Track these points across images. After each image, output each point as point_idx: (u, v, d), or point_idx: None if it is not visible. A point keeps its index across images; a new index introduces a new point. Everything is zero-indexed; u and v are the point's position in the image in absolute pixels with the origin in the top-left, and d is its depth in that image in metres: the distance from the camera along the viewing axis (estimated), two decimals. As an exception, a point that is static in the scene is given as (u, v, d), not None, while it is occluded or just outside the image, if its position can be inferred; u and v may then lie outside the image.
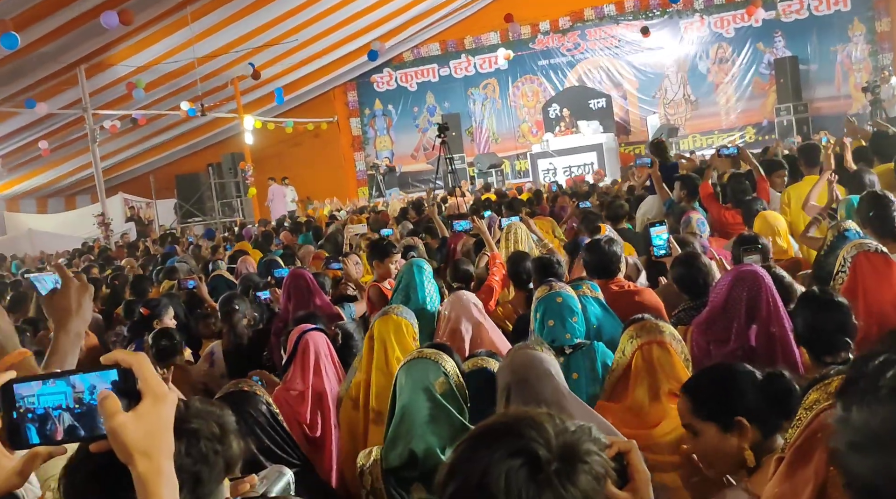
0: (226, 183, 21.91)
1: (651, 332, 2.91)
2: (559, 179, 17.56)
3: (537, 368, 2.52)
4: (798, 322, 2.98)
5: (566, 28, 22.44)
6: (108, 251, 14.04)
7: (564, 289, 3.57)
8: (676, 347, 2.90)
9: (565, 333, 3.39)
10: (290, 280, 5.38)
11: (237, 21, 16.29)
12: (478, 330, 3.90)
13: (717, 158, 8.00)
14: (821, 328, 2.88)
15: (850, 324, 2.88)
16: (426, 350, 2.98)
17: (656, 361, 2.85)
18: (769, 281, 3.25)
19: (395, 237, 8.68)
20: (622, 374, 2.95)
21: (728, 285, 3.29)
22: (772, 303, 3.18)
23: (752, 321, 3.17)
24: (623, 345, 2.98)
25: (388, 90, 24.46)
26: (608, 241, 4.60)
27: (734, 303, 3.22)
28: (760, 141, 19.67)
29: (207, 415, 1.54)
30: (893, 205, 4.33)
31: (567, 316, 3.42)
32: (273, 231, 12.85)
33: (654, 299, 4.27)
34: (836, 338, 2.85)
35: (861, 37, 20.07)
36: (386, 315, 3.65)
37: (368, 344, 3.58)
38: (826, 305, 2.92)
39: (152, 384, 1.25)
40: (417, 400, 2.80)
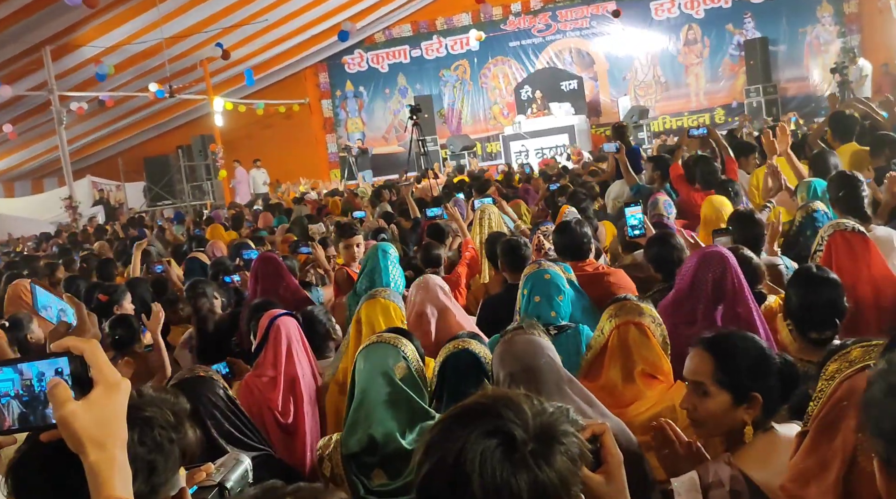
0: (196, 166, 21.70)
1: (630, 312, 2.90)
2: (531, 161, 17.57)
3: (540, 355, 2.50)
4: (790, 297, 3.00)
5: (537, 9, 22.39)
6: (77, 235, 13.86)
7: (553, 267, 3.57)
8: (655, 329, 2.89)
9: (551, 311, 3.39)
10: (258, 264, 5.32)
11: (206, 1, 16.09)
12: (444, 314, 3.86)
13: (687, 139, 8.04)
14: (813, 305, 2.89)
15: (841, 303, 2.91)
16: (385, 335, 2.97)
17: (632, 342, 2.85)
18: (734, 262, 3.26)
19: (368, 219, 8.67)
20: (598, 353, 2.94)
21: (694, 267, 3.30)
22: (737, 283, 3.19)
23: (719, 302, 3.18)
24: (602, 324, 2.97)
25: (360, 72, 24.30)
26: (578, 222, 4.60)
27: (700, 284, 3.23)
28: (730, 122, 19.79)
29: (162, 402, 1.51)
30: (862, 185, 4.39)
31: (554, 294, 3.42)
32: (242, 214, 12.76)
33: (626, 281, 4.28)
34: (826, 315, 2.87)
35: (829, 18, 20.21)
36: (373, 298, 3.61)
37: (356, 328, 3.53)
38: (820, 281, 2.94)
39: (105, 372, 1.22)
40: (376, 385, 2.78)
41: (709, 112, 21.18)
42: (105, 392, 1.21)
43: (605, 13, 21.50)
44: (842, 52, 19.31)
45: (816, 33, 20.37)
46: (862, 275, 3.33)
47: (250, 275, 5.38)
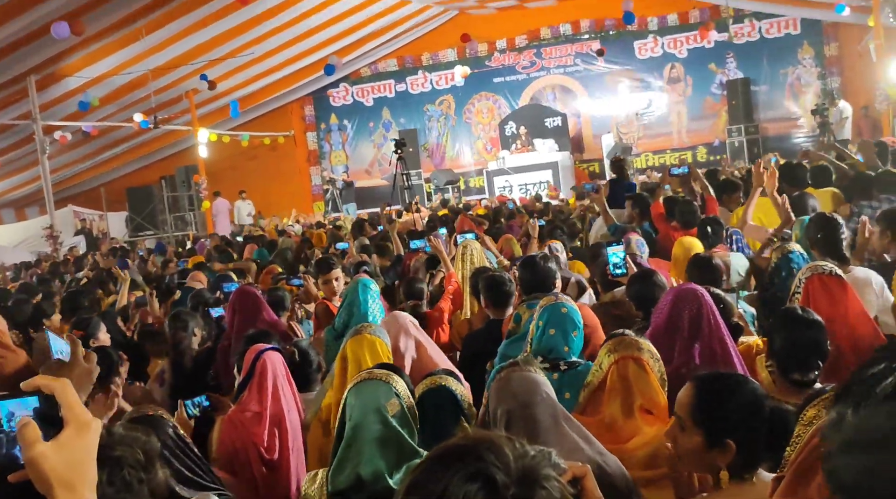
0: (179, 196, 21.64)
1: (629, 347, 2.89)
2: (515, 197, 17.65)
3: (536, 392, 2.48)
4: (774, 338, 3.00)
5: (522, 47, 22.65)
6: (59, 265, 13.76)
7: (569, 301, 3.54)
8: (654, 365, 2.89)
9: (564, 345, 3.35)
10: (236, 297, 5.30)
11: (191, 34, 16.17)
12: (417, 349, 3.82)
13: (668, 177, 8.11)
14: (797, 346, 2.90)
15: (824, 345, 2.91)
16: (376, 371, 2.93)
17: (631, 377, 2.83)
18: (709, 299, 3.27)
19: (351, 252, 8.65)
20: (597, 388, 2.94)
21: (669, 304, 3.31)
22: (713, 321, 3.20)
23: (696, 339, 3.18)
24: (600, 359, 2.95)
25: (345, 105, 24.43)
26: (543, 257, 4.61)
27: (676, 322, 3.24)
28: (712, 160, 19.99)
29: (132, 441, 1.48)
30: (841, 227, 4.42)
31: (569, 328, 3.38)
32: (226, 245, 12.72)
33: (591, 317, 4.28)
34: (809, 357, 2.88)
35: (810, 60, 20.54)
36: (359, 334, 3.52)
37: (341, 365, 3.46)
38: (805, 323, 2.95)
39: (76, 411, 1.20)
40: (368, 422, 2.74)
41: (691, 150, 21.39)
42: (75, 432, 1.19)
43: (590, 51, 21.76)
44: (822, 94, 19.60)
45: (797, 75, 20.70)
46: (839, 318, 3.33)
47: (228, 308, 5.36)
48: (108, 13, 13.41)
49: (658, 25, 21.39)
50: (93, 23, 13.02)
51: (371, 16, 19.22)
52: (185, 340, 4.88)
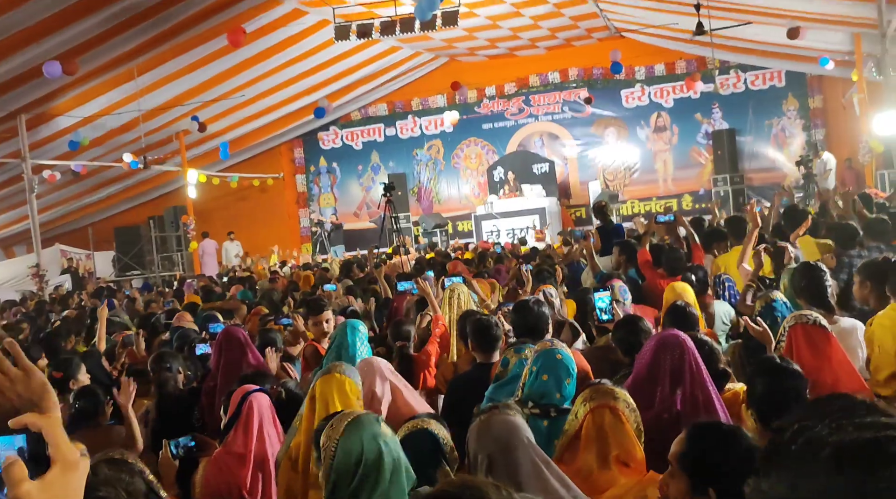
0: (167, 236, 21.61)
1: (605, 396, 2.88)
2: (502, 241, 17.73)
3: (518, 437, 2.49)
4: (754, 387, 3.01)
5: (511, 93, 22.92)
6: (45, 304, 13.67)
7: (564, 348, 3.54)
8: (630, 415, 2.87)
9: (557, 392, 3.33)
10: (222, 337, 5.29)
11: (183, 76, 16.30)
12: (394, 393, 3.79)
13: (654, 225, 8.18)
14: (777, 395, 2.90)
15: (804, 394, 2.92)
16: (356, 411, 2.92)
17: (607, 426, 2.82)
18: (692, 346, 3.28)
19: (338, 294, 8.65)
20: (573, 437, 2.91)
21: (651, 351, 3.32)
22: (695, 368, 3.20)
23: (678, 386, 3.19)
24: (576, 408, 2.94)
25: (334, 148, 24.58)
26: (536, 302, 4.62)
27: (658, 368, 3.25)
28: (698, 208, 20.16)
29: (117, 482, 1.47)
30: (825, 275, 4.46)
31: (563, 375, 3.36)
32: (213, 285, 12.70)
33: (582, 363, 4.29)
34: (789, 406, 2.88)
35: (795, 112, 20.83)
36: (329, 374, 3.47)
37: (310, 405, 3.41)
38: (784, 373, 2.96)
39: (63, 450, 1.19)
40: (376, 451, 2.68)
41: (676, 198, 21.56)
42: (62, 472, 1.18)
43: (577, 99, 22.03)
44: (807, 145, 19.86)
45: (782, 126, 20.97)
46: (823, 368, 3.34)
47: (214, 348, 5.34)
48: (100, 54, 13.51)
49: (645, 75, 21.70)
50: (85, 63, 13.11)
51: (362, 61, 19.44)
52: (171, 380, 4.86)
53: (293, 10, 15.07)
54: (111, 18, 12.36)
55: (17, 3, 10.92)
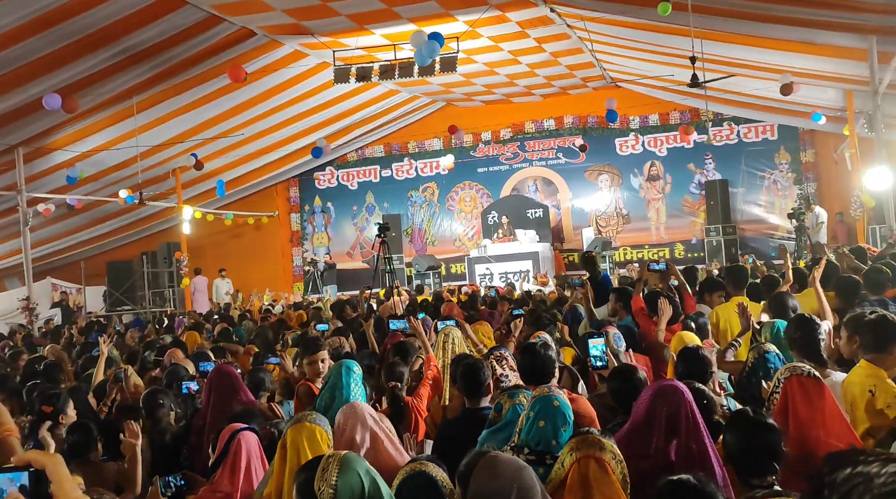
0: (159, 272, 21.57)
1: (591, 446, 2.88)
2: (496, 284, 17.76)
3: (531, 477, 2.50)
4: (729, 442, 2.99)
5: (507, 139, 23.12)
6: (32, 338, 13.60)
7: (562, 395, 3.52)
8: (616, 467, 2.86)
9: (553, 439, 3.32)
10: (213, 376, 5.27)
11: (182, 114, 16.41)
12: (374, 442, 3.70)
13: (647, 272, 8.21)
14: (751, 450, 2.89)
15: (779, 448, 2.91)
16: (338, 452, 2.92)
17: (592, 477, 2.81)
18: (689, 396, 3.28)
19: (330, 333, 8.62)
20: (558, 486, 2.90)
21: (648, 400, 3.32)
22: (691, 418, 3.20)
23: (673, 436, 3.19)
24: (563, 456, 2.94)
25: (329, 187, 24.69)
26: (543, 345, 4.62)
27: (654, 418, 3.25)
28: (690, 258, 20.25)
29: None
30: (819, 328, 4.48)
31: (560, 423, 3.35)
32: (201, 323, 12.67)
33: (588, 409, 4.28)
34: (765, 461, 2.86)
35: (787, 165, 21.02)
36: (299, 423, 3.45)
37: (281, 453, 3.37)
38: (758, 427, 2.95)
39: (65, 487, 1.20)
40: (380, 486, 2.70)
41: (669, 247, 21.67)
42: None
43: (572, 146, 22.22)
44: (798, 198, 20.02)
45: (774, 178, 21.15)
46: (816, 421, 3.34)
47: (205, 387, 5.32)
48: (100, 91, 13.62)
49: (639, 124, 21.93)
50: (85, 99, 13.21)
51: (360, 103, 19.61)
52: (165, 416, 4.84)
53: (293, 51, 15.24)
54: (112, 56, 12.50)
55: (19, 38, 11.05)
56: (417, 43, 11.93)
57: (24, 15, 10.50)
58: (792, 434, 3.28)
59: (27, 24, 10.73)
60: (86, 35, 11.50)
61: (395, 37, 14.27)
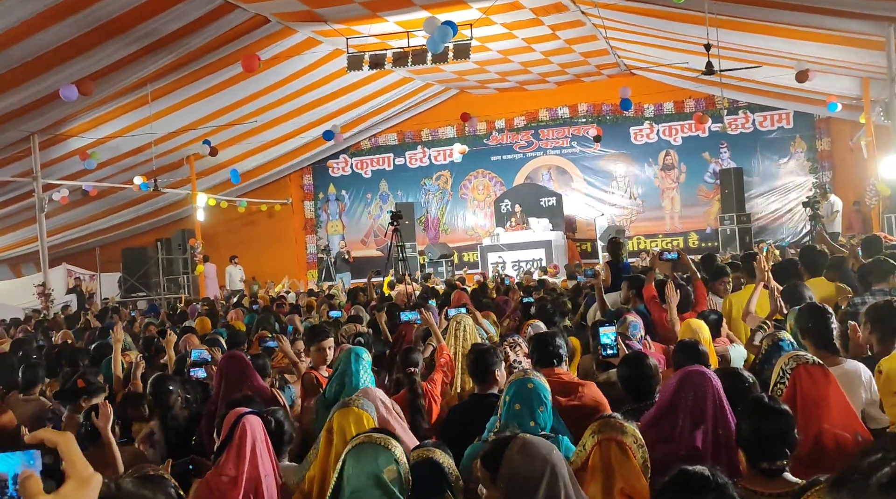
0: (174, 259, 21.67)
1: (613, 429, 2.90)
2: (508, 273, 17.74)
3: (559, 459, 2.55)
4: (742, 426, 3.00)
5: (520, 127, 23.06)
6: (46, 322, 13.71)
7: (538, 377, 3.56)
8: (636, 450, 2.88)
9: (531, 420, 3.37)
10: (224, 361, 5.30)
11: (196, 102, 16.45)
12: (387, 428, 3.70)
13: (659, 261, 8.20)
14: (764, 435, 2.89)
15: (791, 434, 2.91)
16: (375, 435, 2.94)
17: (613, 460, 2.83)
18: (717, 383, 3.32)
19: (343, 319, 8.66)
20: (579, 468, 2.92)
21: (675, 386, 3.35)
22: (718, 404, 3.23)
23: (699, 422, 3.21)
24: (584, 439, 2.96)
25: (343, 176, 24.73)
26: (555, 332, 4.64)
27: (680, 403, 3.28)
28: (704, 247, 20.17)
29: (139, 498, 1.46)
30: (831, 317, 4.46)
31: (536, 404, 3.40)
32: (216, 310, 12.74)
33: (598, 394, 4.29)
34: (776, 446, 2.87)
35: (802, 154, 20.90)
36: (346, 408, 3.49)
37: (327, 437, 3.42)
38: (772, 412, 2.95)
39: (78, 466, 1.20)
40: (367, 488, 2.76)
41: (682, 236, 21.60)
42: (76, 487, 1.18)
43: (586, 134, 22.14)
44: (814, 187, 19.89)
45: (790, 167, 21.03)
46: (822, 408, 3.33)
47: (216, 372, 5.34)
48: (116, 79, 13.66)
49: (654, 113, 21.83)
50: (100, 87, 13.27)
51: (374, 91, 19.60)
52: (176, 401, 4.87)
53: (307, 38, 15.23)
54: (128, 45, 12.53)
55: (36, 29, 11.09)
56: (430, 30, 11.89)
57: (42, 6, 10.54)
58: (800, 423, 3.27)
59: (43, 14, 10.76)
60: (101, 24, 11.53)
61: (409, 24, 14.23)
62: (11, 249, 21.67)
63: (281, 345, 6.21)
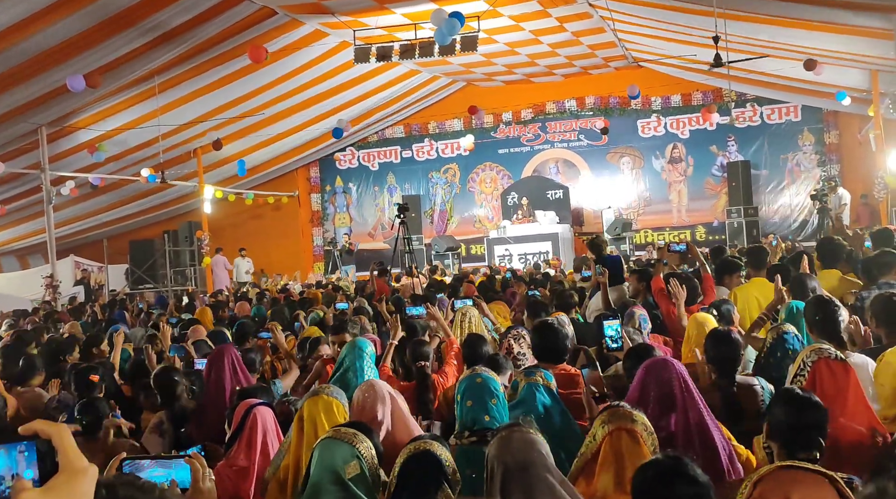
0: (180, 251, 21.74)
1: (623, 418, 2.89)
2: (514, 266, 17.73)
3: (535, 455, 2.55)
4: (776, 418, 2.98)
5: (528, 120, 23.02)
6: (56, 314, 13.75)
7: (487, 372, 3.58)
8: (647, 438, 2.88)
9: (485, 414, 3.38)
10: (213, 355, 5.34)
11: (204, 95, 16.46)
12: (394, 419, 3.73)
13: (667, 254, 8.17)
14: (800, 426, 2.89)
15: (825, 424, 2.92)
16: (343, 430, 2.95)
17: (624, 449, 2.83)
18: (681, 369, 3.36)
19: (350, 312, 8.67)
20: (590, 459, 2.92)
21: (639, 377, 3.39)
22: (685, 388, 3.26)
23: (669, 411, 3.25)
24: (594, 430, 2.95)
25: (350, 168, 24.74)
26: (560, 324, 4.64)
27: (646, 394, 3.32)
28: (711, 240, 20.13)
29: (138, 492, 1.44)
30: (839, 310, 4.43)
31: (487, 398, 3.41)
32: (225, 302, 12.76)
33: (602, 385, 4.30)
34: (812, 436, 2.87)
35: (810, 147, 20.82)
36: (316, 395, 3.53)
37: (298, 425, 3.45)
38: (806, 404, 2.95)
39: (70, 457, 1.19)
40: (325, 482, 2.79)
41: (690, 229, 21.56)
42: (68, 479, 1.17)
43: (593, 128, 22.09)
44: (822, 180, 19.83)
45: (797, 160, 20.95)
46: (839, 402, 3.32)
47: (206, 365, 5.38)
48: (123, 72, 13.67)
49: (661, 106, 21.77)
50: (108, 80, 13.27)
51: (381, 84, 19.57)
52: (183, 392, 4.89)
53: (314, 31, 15.22)
54: (135, 38, 12.53)
55: (43, 23, 11.10)
56: (438, 22, 11.87)
57: (50, 0, 10.58)
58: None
59: (52, 7, 10.77)
60: (110, 17, 11.54)
61: (416, 16, 14.20)
62: (19, 240, 21.73)
63: (274, 336, 6.21)
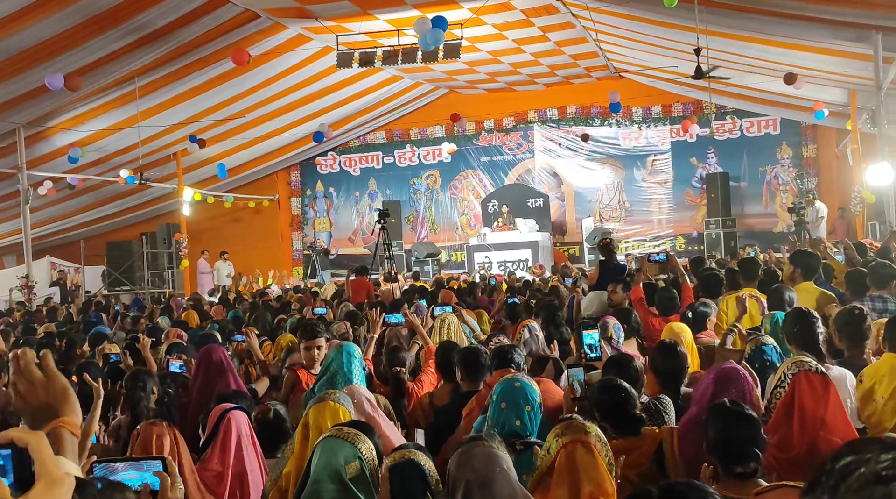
0: (158, 253, 21.58)
1: (577, 431, 2.86)
2: (494, 273, 17.75)
3: (496, 469, 2.53)
4: (710, 433, 3.00)
5: (510, 128, 23.08)
6: (33, 315, 13.61)
7: (526, 378, 3.56)
8: (601, 448, 2.86)
9: (516, 419, 3.35)
10: (202, 355, 5.27)
11: (185, 99, 16.38)
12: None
13: (647, 263, 8.22)
14: (733, 440, 2.90)
15: (759, 436, 2.93)
16: (346, 429, 2.94)
17: (579, 462, 2.79)
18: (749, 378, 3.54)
19: (329, 317, 8.63)
20: (545, 472, 2.88)
21: (714, 384, 3.49)
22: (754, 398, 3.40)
23: None
24: (549, 443, 2.92)
25: (332, 173, 24.69)
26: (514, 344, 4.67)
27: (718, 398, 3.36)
28: (691, 251, 20.24)
29: None
30: (817, 322, 4.47)
31: (522, 403, 3.38)
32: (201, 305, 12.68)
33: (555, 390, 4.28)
34: (747, 448, 2.88)
35: (788, 160, 21.00)
36: (322, 402, 3.45)
37: (303, 432, 3.39)
38: (737, 417, 2.97)
39: (48, 466, 1.18)
40: (325, 481, 2.77)
41: (670, 239, 21.67)
42: (46, 488, 1.16)
43: (575, 136, 22.17)
44: (799, 193, 20.01)
45: (776, 173, 21.12)
46: (819, 415, 3.36)
47: (195, 366, 5.32)
48: (103, 74, 13.59)
49: (642, 116, 21.88)
50: (88, 82, 13.18)
51: (363, 89, 19.55)
52: (143, 400, 4.80)
53: (297, 35, 15.19)
54: (115, 39, 12.47)
55: (24, 21, 11.01)
56: (421, 29, 11.88)
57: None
58: (796, 429, 3.32)
59: (34, 6, 10.70)
60: (89, 18, 11.47)
61: (399, 22, 14.20)
62: (1, 239, 21.52)
63: (248, 339, 6.14)
